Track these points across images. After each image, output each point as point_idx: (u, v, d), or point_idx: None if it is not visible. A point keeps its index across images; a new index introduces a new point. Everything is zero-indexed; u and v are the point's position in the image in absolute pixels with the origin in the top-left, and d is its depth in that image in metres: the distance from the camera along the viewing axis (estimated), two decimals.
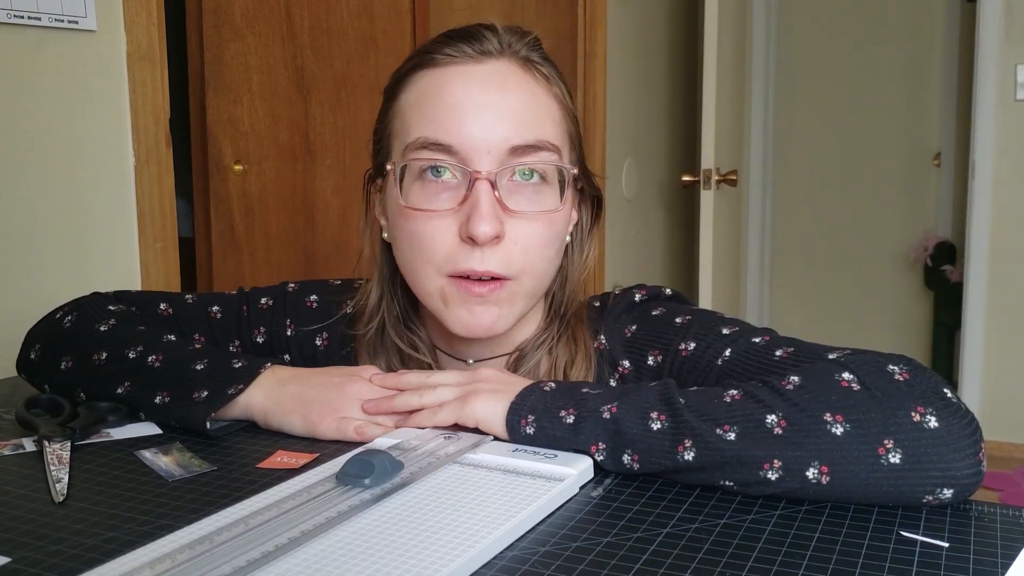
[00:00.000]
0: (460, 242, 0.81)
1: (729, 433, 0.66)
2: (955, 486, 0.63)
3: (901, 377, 0.67)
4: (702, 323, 0.85)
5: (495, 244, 0.81)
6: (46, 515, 0.65)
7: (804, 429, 0.65)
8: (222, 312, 1.00)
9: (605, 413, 0.71)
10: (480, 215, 0.79)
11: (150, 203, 1.64)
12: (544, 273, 0.86)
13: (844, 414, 0.65)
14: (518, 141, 0.81)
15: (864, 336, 4.11)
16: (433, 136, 0.81)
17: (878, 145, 4.11)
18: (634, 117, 3.05)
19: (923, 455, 0.63)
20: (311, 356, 0.98)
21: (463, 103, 0.81)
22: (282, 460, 0.76)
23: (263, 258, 2.41)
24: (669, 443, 0.68)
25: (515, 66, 0.84)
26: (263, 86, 2.36)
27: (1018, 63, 3.15)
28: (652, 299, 0.92)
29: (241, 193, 2.38)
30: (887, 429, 0.63)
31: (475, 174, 0.80)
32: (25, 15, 1.45)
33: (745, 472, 0.65)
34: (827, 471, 0.64)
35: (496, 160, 0.81)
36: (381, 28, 2.38)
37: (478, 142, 0.80)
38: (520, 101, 0.82)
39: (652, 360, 0.86)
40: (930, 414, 0.64)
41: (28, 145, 1.49)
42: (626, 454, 0.69)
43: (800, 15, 4.16)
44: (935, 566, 0.56)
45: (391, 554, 0.55)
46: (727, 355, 0.81)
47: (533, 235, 0.83)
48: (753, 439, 0.65)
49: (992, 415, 3.28)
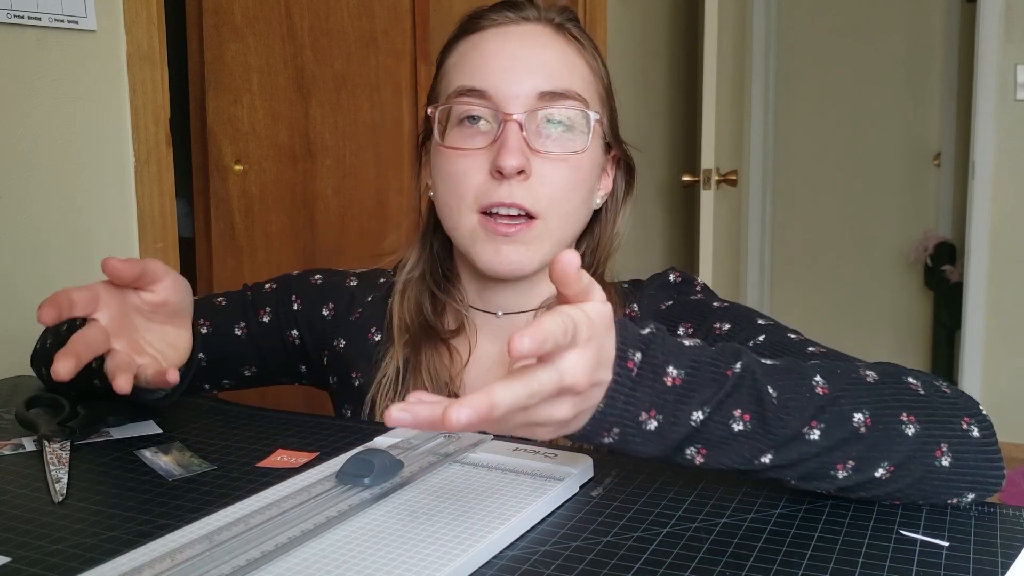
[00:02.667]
0: (490, 177, 0.87)
1: (814, 431, 0.61)
2: (979, 491, 0.66)
3: (947, 391, 0.69)
4: (738, 310, 0.88)
5: (522, 179, 0.86)
6: (46, 515, 0.65)
7: (885, 429, 0.63)
8: (227, 300, 1.03)
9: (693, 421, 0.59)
10: (507, 149, 0.85)
11: (150, 203, 1.64)
12: (570, 215, 0.90)
13: (916, 415, 0.65)
14: (546, 87, 0.87)
15: (864, 336, 4.11)
16: (470, 83, 0.88)
17: (878, 145, 4.10)
18: (634, 117, 3.05)
19: (966, 461, 0.65)
20: (319, 327, 1.00)
21: (498, 55, 0.89)
22: (282, 459, 0.76)
23: (263, 258, 2.41)
24: (749, 452, 0.61)
25: (550, 29, 0.91)
26: (263, 86, 2.36)
27: (1018, 63, 3.15)
28: (687, 283, 0.95)
29: (241, 193, 2.38)
30: (945, 434, 0.65)
31: (505, 116, 0.86)
32: (25, 15, 1.45)
33: (817, 470, 0.63)
34: (893, 470, 0.64)
35: (525, 104, 0.87)
36: (381, 28, 2.38)
37: (510, 87, 0.87)
38: (551, 54, 0.89)
39: (683, 330, 0.88)
40: (974, 424, 0.67)
41: (28, 145, 1.49)
42: (692, 447, 0.61)
43: (800, 15, 4.16)
44: (935, 566, 0.56)
45: (391, 554, 0.55)
46: (760, 339, 0.82)
47: (558, 175, 0.88)
48: (836, 439, 0.62)
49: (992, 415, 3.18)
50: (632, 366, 0.57)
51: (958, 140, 3.90)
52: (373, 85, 2.39)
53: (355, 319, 0.98)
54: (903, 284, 4.14)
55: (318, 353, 1.00)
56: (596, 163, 0.93)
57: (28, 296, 1.50)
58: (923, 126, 4.04)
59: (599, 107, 0.93)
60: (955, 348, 3.75)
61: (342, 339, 0.98)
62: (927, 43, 3.99)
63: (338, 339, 0.98)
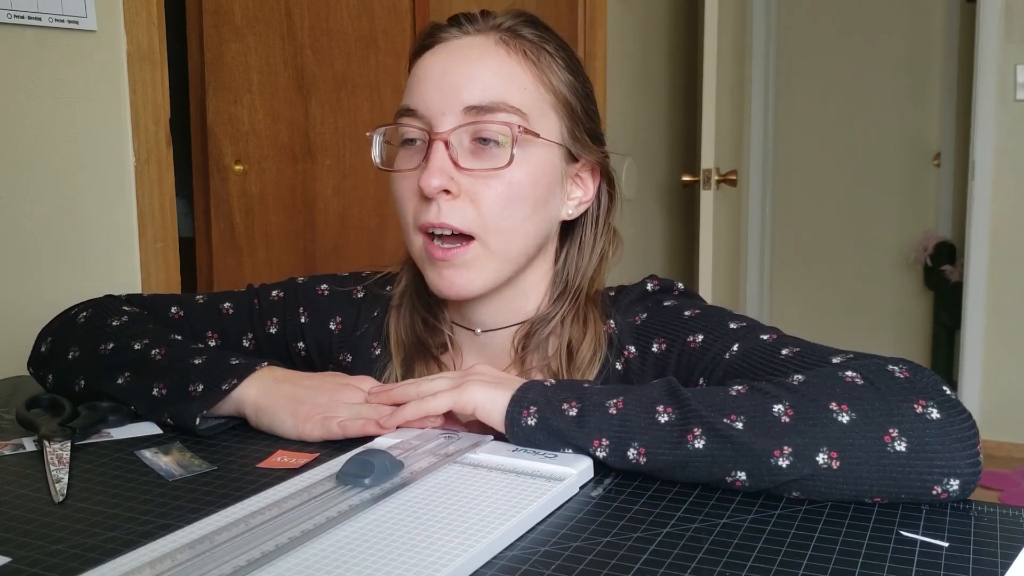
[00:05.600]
0: (421, 199, 0.85)
1: (737, 422, 0.67)
2: (959, 476, 0.64)
3: (902, 375, 0.69)
4: (711, 317, 0.87)
5: (450, 199, 0.84)
6: (46, 515, 0.65)
7: (811, 417, 0.66)
8: (234, 308, 1.02)
9: (611, 408, 0.71)
10: (428, 170, 0.83)
11: (150, 203, 1.64)
12: (513, 232, 0.87)
13: (849, 404, 0.66)
14: (473, 102, 0.84)
15: (864, 336, 4.11)
16: (405, 104, 0.88)
17: (878, 145, 4.11)
18: (634, 117, 3.04)
19: (927, 444, 0.64)
20: (326, 341, 0.99)
21: (431, 74, 0.87)
22: (282, 460, 0.76)
23: (263, 258, 2.41)
24: (678, 433, 0.68)
25: (490, 41, 0.88)
26: (263, 86, 2.36)
27: (1018, 63, 3.15)
28: (664, 291, 0.94)
29: (241, 193, 2.38)
30: (891, 419, 0.65)
31: (433, 134, 0.85)
32: (25, 15, 1.45)
33: (756, 460, 0.66)
34: (836, 456, 0.65)
35: (452, 120, 0.85)
36: (381, 28, 2.38)
37: (437, 104, 0.85)
38: (484, 67, 0.86)
39: (657, 347, 0.88)
40: (932, 407, 0.66)
41: (28, 145, 1.49)
42: (632, 448, 0.69)
43: (800, 15, 4.16)
44: (935, 566, 0.56)
45: (391, 554, 0.55)
46: (735, 350, 0.82)
47: (489, 193, 0.85)
48: (762, 427, 0.66)
49: (992, 415, 3.28)
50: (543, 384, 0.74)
51: (958, 140, 3.90)
52: (373, 85, 2.39)
53: (360, 334, 0.98)
54: (903, 284, 4.14)
55: (323, 367, 1.00)
56: (545, 174, 0.88)
57: (28, 296, 1.50)
58: (923, 126, 4.04)
59: (548, 115, 0.88)
60: (955, 348, 3.75)
61: (349, 354, 0.98)
62: (927, 43, 3.99)
63: (344, 354, 0.99)
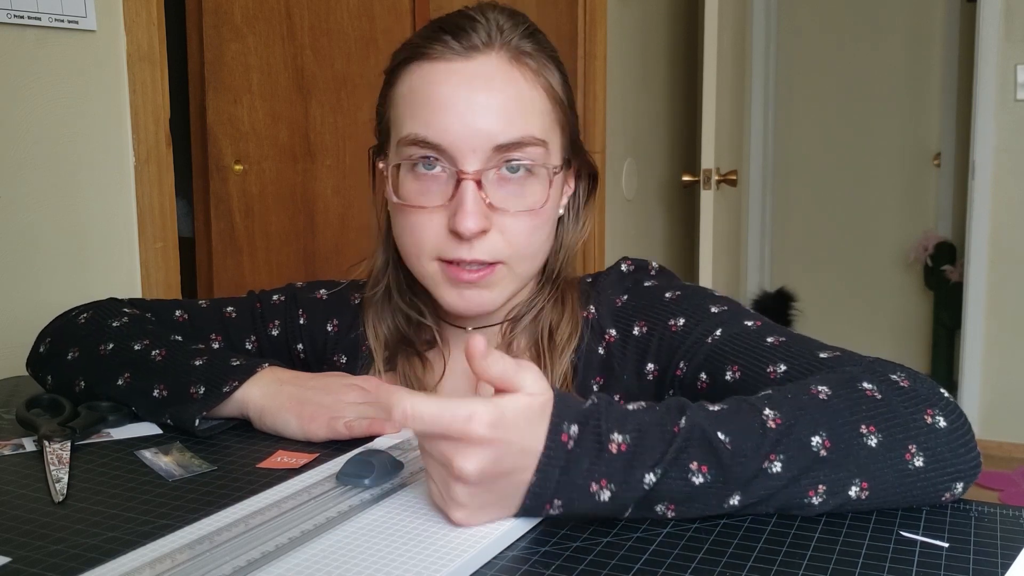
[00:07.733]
0: (448, 235, 0.84)
1: (775, 464, 0.62)
2: (964, 479, 0.65)
3: (904, 383, 0.68)
4: (692, 299, 0.86)
5: (481, 237, 0.84)
6: (46, 515, 0.65)
7: (847, 447, 0.63)
8: (236, 311, 1.02)
9: (646, 482, 0.60)
10: (465, 212, 0.82)
11: (150, 203, 1.64)
12: (535, 255, 0.89)
13: (876, 425, 0.64)
14: (503, 139, 0.83)
15: (864, 335, 4.11)
16: (423, 135, 0.83)
17: (878, 145, 4.10)
18: (634, 117, 3.04)
19: (940, 455, 0.64)
20: (322, 343, 1.00)
21: (449, 103, 0.83)
22: (282, 460, 0.76)
23: (263, 258, 2.41)
24: (715, 499, 0.62)
25: (503, 61, 0.84)
26: (263, 86, 2.36)
27: (1018, 63, 3.15)
28: (640, 270, 0.94)
29: (241, 193, 2.38)
30: (909, 435, 0.64)
31: (462, 174, 0.82)
32: (25, 15, 1.45)
33: (788, 501, 0.63)
34: (867, 486, 0.63)
35: (481, 158, 0.83)
36: (381, 28, 2.37)
37: (464, 141, 0.82)
38: (506, 98, 0.84)
39: (638, 330, 0.87)
40: (938, 415, 0.66)
41: (28, 145, 1.49)
42: (661, 505, 0.62)
43: (800, 15, 4.16)
44: (935, 566, 0.56)
45: (391, 554, 0.55)
46: (717, 335, 0.81)
47: (518, 227, 0.85)
48: (799, 467, 0.62)
49: (992, 415, 3.28)
50: (567, 439, 0.59)
51: (958, 140, 3.90)
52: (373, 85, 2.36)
53: (355, 336, 0.98)
54: (903, 284, 4.14)
55: (319, 368, 1.00)
56: (558, 194, 0.89)
57: (28, 296, 1.50)
58: (923, 126, 4.04)
59: (560, 136, 0.88)
60: (955, 348, 3.75)
61: (343, 355, 0.99)
62: (927, 43, 3.99)
63: (339, 355, 0.99)
